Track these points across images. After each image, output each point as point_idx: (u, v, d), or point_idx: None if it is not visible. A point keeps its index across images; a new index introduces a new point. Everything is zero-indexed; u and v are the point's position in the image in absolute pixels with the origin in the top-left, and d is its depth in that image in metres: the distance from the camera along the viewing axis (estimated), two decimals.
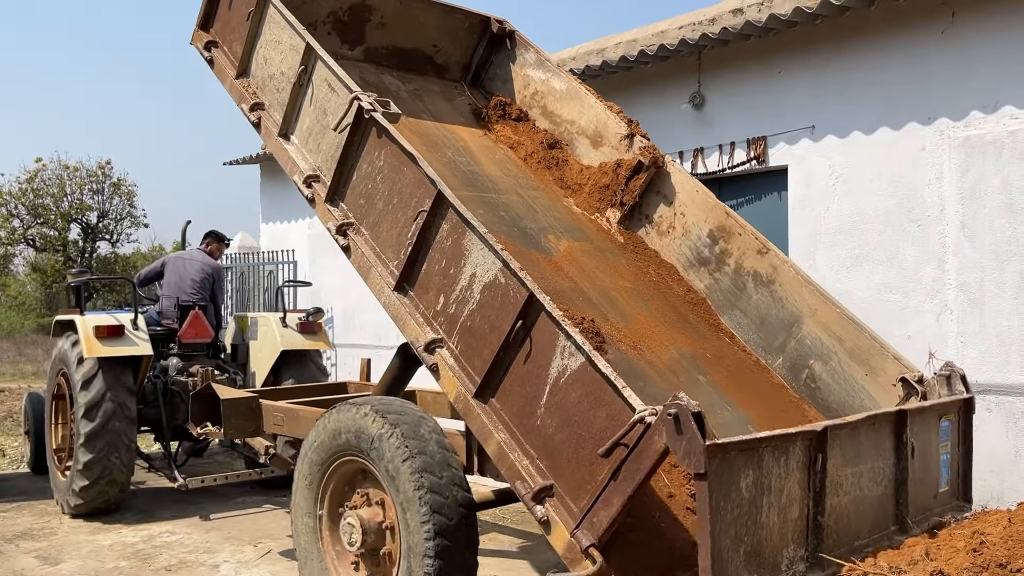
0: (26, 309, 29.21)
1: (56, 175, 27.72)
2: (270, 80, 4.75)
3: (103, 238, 28.85)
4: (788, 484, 3.10)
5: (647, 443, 2.91)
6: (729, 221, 5.22)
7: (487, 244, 3.54)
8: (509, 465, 3.39)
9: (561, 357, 3.25)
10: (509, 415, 3.45)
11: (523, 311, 3.37)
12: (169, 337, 7.59)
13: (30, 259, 29.19)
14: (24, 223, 27.85)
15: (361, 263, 4.13)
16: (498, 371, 3.49)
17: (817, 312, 4.81)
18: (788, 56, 6.63)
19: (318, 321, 7.77)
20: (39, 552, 6.03)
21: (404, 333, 3.93)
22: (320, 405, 5.49)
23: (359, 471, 4.17)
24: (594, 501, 3.07)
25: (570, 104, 5.96)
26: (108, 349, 6.67)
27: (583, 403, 3.17)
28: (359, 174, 4.17)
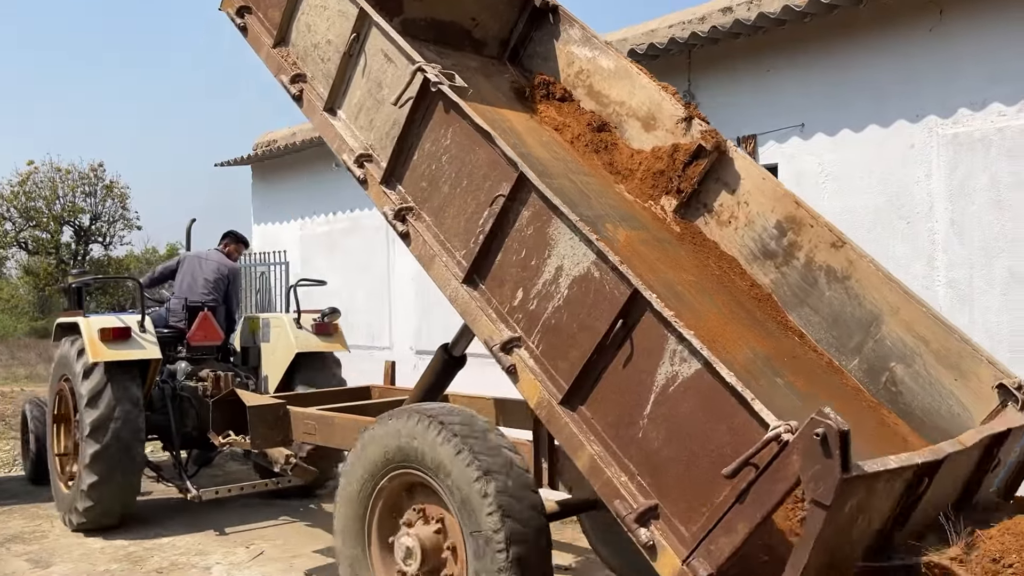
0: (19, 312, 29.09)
1: (48, 178, 27.59)
2: (314, 49, 4.34)
3: (96, 241, 28.67)
4: (886, 503, 2.82)
5: (782, 464, 2.56)
6: (800, 212, 4.87)
7: (579, 234, 3.17)
8: (605, 481, 3.03)
9: (671, 363, 2.89)
10: (603, 425, 3.09)
11: (624, 310, 3.00)
12: (177, 340, 7.18)
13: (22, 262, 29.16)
14: (16, 226, 27.67)
15: (423, 252, 3.74)
16: (590, 376, 3.13)
17: (900, 311, 4.48)
18: (777, 54, 6.62)
19: (334, 322, 7.34)
20: (30, 555, 5.95)
21: (475, 330, 3.55)
22: (350, 411, 5.12)
23: (413, 484, 3.81)
24: (713, 526, 2.72)
25: (619, 84, 5.58)
26: (114, 353, 6.24)
27: (698, 415, 2.81)
28: (421, 153, 3.78)
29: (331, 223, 11.96)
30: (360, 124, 4.07)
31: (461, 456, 3.40)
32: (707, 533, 2.73)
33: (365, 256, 11.13)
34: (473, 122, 3.53)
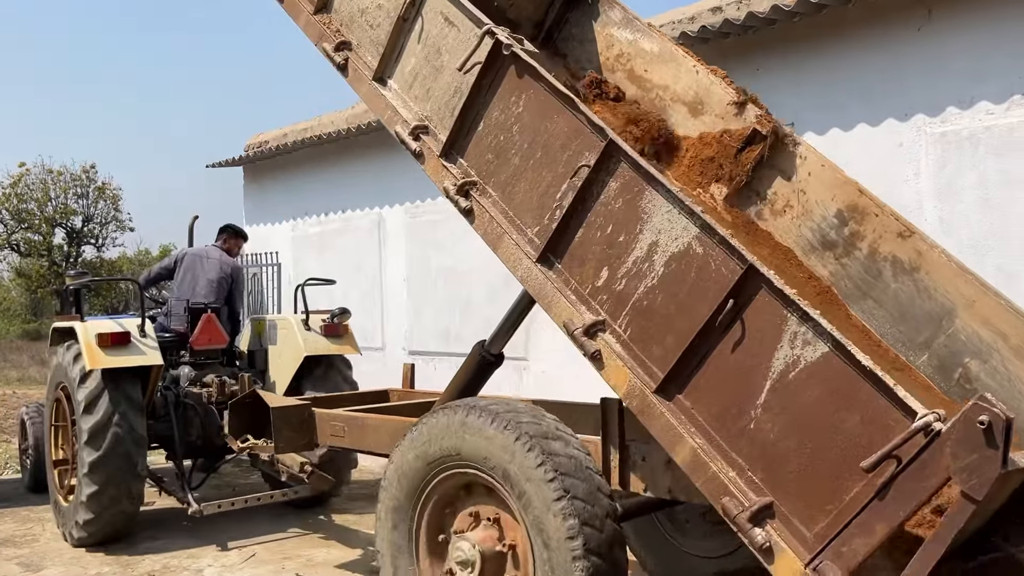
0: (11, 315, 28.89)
1: (40, 179, 27.45)
2: (360, 15, 4.04)
3: (88, 242, 28.53)
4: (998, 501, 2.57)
5: (932, 457, 2.30)
6: (863, 200, 4.63)
7: (680, 204, 2.90)
8: (710, 477, 2.75)
9: (791, 346, 2.63)
10: (706, 416, 2.81)
11: (736, 288, 2.73)
12: (179, 344, 6.81)
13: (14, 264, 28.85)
14: (8, 228, 27.60)
15: (489, 229, 3.45)
16: (690, 362, 2.85)
17: (975, 304, 4.25)
18: (767, 54, 6.61)
19: (344, 323, 6.96)
20: (21, 559, 5.89)
21: (551, 314, 3.26)
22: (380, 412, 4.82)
23: (465, 486, 3.52)
24: (845, 526, 2.45)
25: (663, 68, 5.32)
26: (113, 359, 5.84)
27: (825, 404, 2.55)
28: (487, 123, 3.49)
29: (323, 224, 11.70)
30: (415, 94, 3.78)
31: (531, 455, 3.11)
32: (838, 533, 2.46)
33: (357, 257, 10.90)
34: (552, 86, 3.26)
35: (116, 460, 5.80)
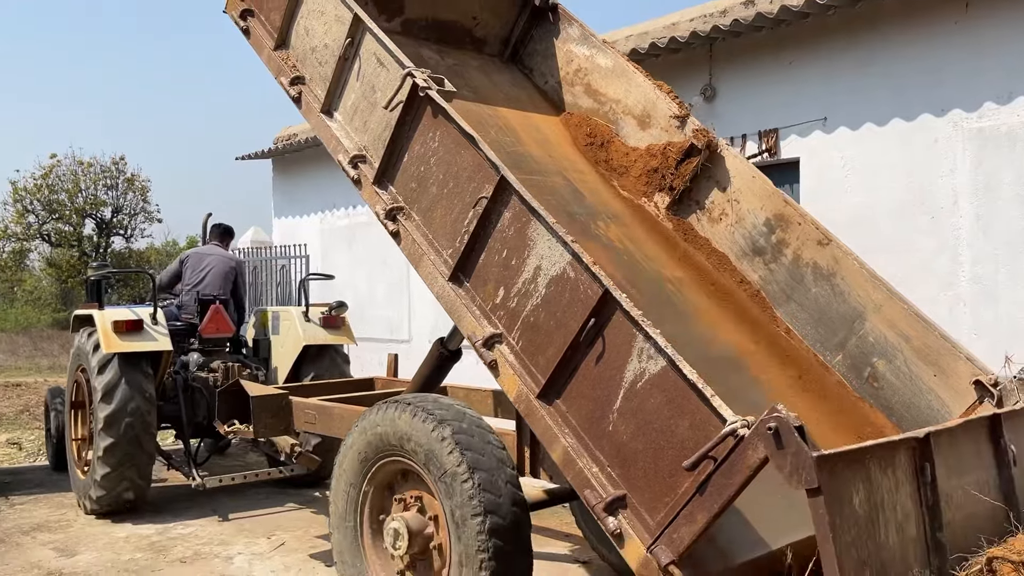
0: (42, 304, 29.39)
1: (71, 171, 27.76)
2: (312, 53, 4.49)
3: (117, 233, 28.90)
4: (900, 498, 2.88)
5: (739, 457, 2.70)
6: (788, 209, 4.98)
7: (555, 235, 3.31)
8: (577, 472, 3.18)
9: (639, 360, 3.03)
10: (577, 419, 3.24)
11: (596, 309, 3.14)
12: (190, 332, 7.38)
13: (45, 254, 29.32)
14: (39, 219, 27.93)
15: (412, 251, 3.89)
16: (565, 371, 3.27)
17: (883, 308, 4.59)
18: (800, 48, 6.60)
19: (341, 315, 7.54)
20: (55, 544, 6.02)
21: (460, 326, 3.70)
22: (351, 402, 5.28)
23: (402, 472, 3.98)
24: (675, 516, 2.86)
25: (616, 82, 5.69)
26: (126, 344, 6.44)
27: (663, 410, 2.95)
28: (411, 155, 3.93)
29: (351, 216, 12.11)
30: (355, 126, 4.22)
31: (445, 441, 3.55)
32: (670, 522, 2.87)
33: (384, 250, 11.24)
34: (459, 126, 3.67)
35: (128, 441, 6.40)
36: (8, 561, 5.56)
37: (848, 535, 2.59)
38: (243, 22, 4.94)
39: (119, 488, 6.50)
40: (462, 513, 3.50)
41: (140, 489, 6.66)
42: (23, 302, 30.33)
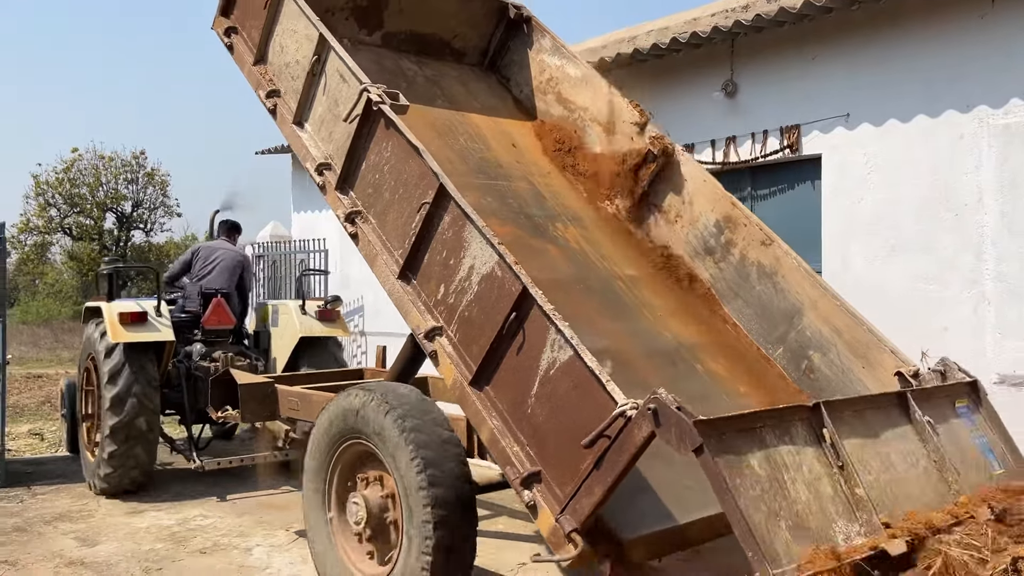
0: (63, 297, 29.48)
1: (92, 165, 27.79)
2: (286, 68, 4.88)
3: (137, 227, 29.02)
4: (805, 459, 3.17)
5: (627, 436, 3.04)
6: (735, 212, 5.28)
7: (485, 237, 3.66)
8: (500, 451, 3.53)
9: (551, 350, 3.38)
10: (503, 403, 3.59)
11: (516, 304, 3.49)
12: (194, 323, 7.80)
13: (67, 248, 29.30)
14: (61, 212, 27.87)
15: (368, 251, 4.27)
16: (493, 360, 3.63)
17: (818, 304, 4.88)
18: (823, 43, 6.52)
19: (336, 309, 7.97)
20: (77, 534, 6.11)
21: (407, 320, 4.07)
22: (332, 391, 5.68)
23: (364, 453, 4.34)
24: (577, 489, 3.21)
25: (584, 91, 6.02)
26: (132, 335, 6.88)
27: (571, 395, 3.29)
28: (368, 164, 4.30)
29: None
30: (322, 136, 4.61)
31: (395, 424, 3.92)
32: (573, 494, 3.22)
33: None
34: (406, 138, 4.03)
35: (133, 424, 6.84)
36: (30, 550, 5.67)
37: (753, 491, 2.90)
38: (227, 39, 5.35)
39: (126, 465, 6.92)
40: (411, 488, 3.86)
41: (145, 467, 7.08)
42: (45, 295, 30.44)
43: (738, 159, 6.93)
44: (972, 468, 3.95)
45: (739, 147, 7.02)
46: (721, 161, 6.92)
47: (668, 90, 7.36)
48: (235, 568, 5.35)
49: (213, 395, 6.06)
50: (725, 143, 7.10)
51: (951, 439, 3.98)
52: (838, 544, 2.98)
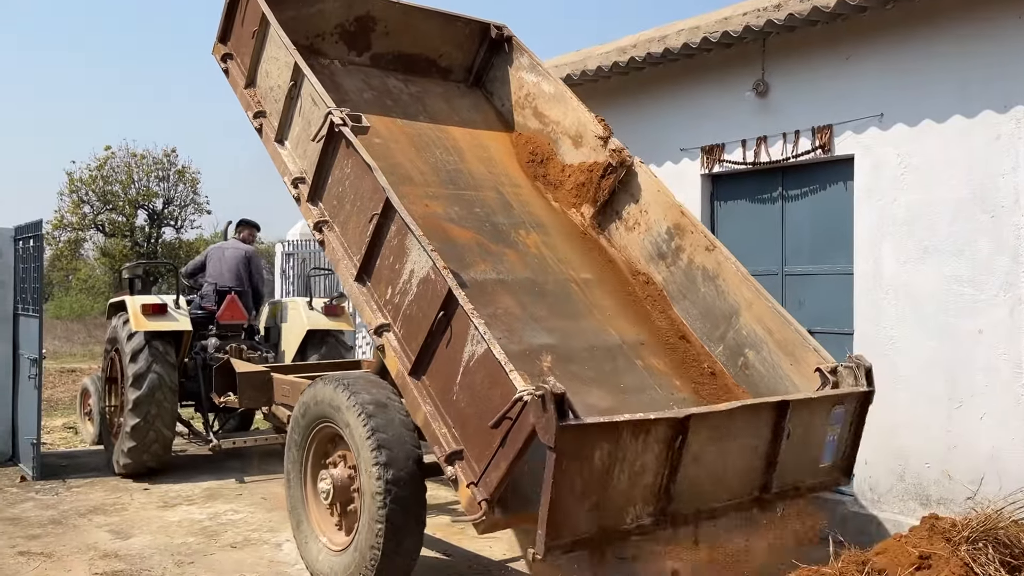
0: (95, 292, 29.91)
1: (124, 163, 28.18)
2: (270, 92, 5.44)
3: (168, 224, 29.27)
4: (645, 457, 3.67)
5: (525, 417, 3.51)
6: (684, 219, 5.70)
7: (421, 245, 4.15)
8: (431, 433, 4.03)
9: (471, 344, 3.86)
10: (435, 390, 4.09)
11: (444, 303, 3.99)
12: (209, 320, 8.44)
13: (99, 244, 29.32)
14: (94, 209, 28.19)
15: (333, 256, 4.80)
16: (427, 353, 4.13)
17: (752, 305, 5.29)
18: (857, 42, 6.37)
19: (341, 304, 8.59)
20: (111, 526, 6.29)
21: (362, 318, 4.59)
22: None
23: (334, 435, 4.87)
24: (488, 464, 3.69)
25: (557, 106, 6.49)
26: (153, 324, 7.56)
27: (485, 383, 3.78)
28: (333, 179, 4.83)
29: None
30: (298, 153, 5.15)
31: (354, 407, 4.44)
32: (484, 469, 3.71)
33: None
34: (362, 157, 4.55)
35: (153, 400, 7.48)
36: (65, 542, 5.86)
37: (579, 479, 3.43)
38: (224, 64, 5.93)
39: (147, 439, 7.54)
40: (367, 466, 4.38)
41: (165, 441, 7.71)
42: (78, 290, 30.84)
43: (769, 159, 6.81)
44: (804, 461, 4.54)
45: (770, 147, 6.88)
46: (751, 161, 6.86)
47: (698, 89, 7.34)
48: (265, 563, 5.49)
49: (216, 382, 6.67)
50: (756, 143, 6.95)
51: (806, 436, 4.49)
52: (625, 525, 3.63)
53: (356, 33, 6.38)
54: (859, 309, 6.16)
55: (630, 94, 7.71)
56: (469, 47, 6.92)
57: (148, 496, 7.23)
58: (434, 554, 5.65)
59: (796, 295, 6.68)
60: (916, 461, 5.83)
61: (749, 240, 6.92)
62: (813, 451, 4.58)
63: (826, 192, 6.66)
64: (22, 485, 7.57)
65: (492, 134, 6.71)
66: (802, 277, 6.67)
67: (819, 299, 6.54)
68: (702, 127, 7.18)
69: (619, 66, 7.32)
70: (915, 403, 5.81)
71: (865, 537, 5.79)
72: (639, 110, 7.65)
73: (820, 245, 6.56)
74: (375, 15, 6.38)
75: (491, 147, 6.53)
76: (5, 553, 5.60)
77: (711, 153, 7.12)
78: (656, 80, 7.48)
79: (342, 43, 6.36)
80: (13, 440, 8.47)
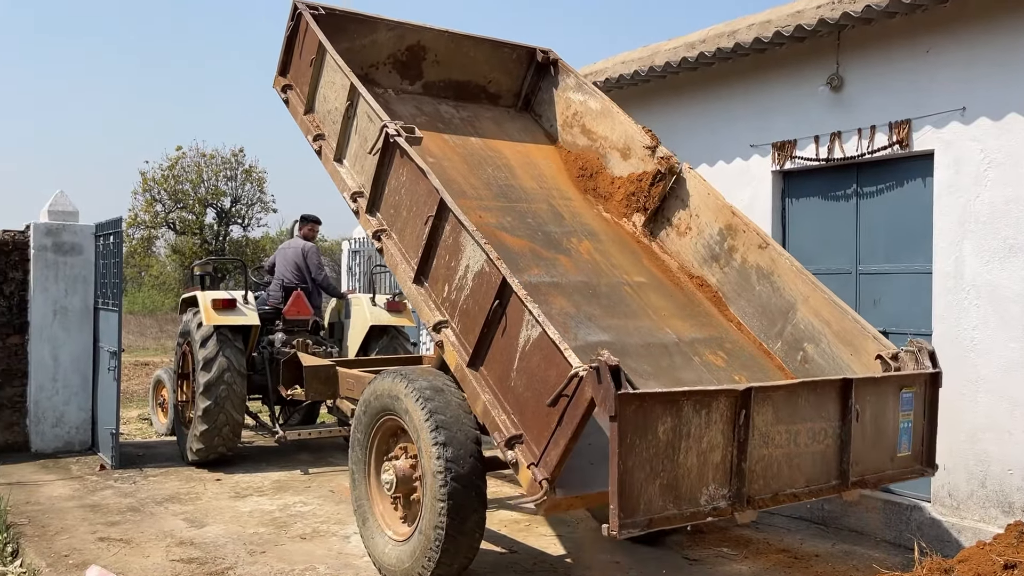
0: (166, 288, 30.75)
1: (194, 162, 29.11)
2: (328, 115, 5.70)
3: (235, 222, 29.87)
4: (710, 433, 3.68)
5: (581, 393, 3.58)
6: (735, 220, 5.75)
7: (475, 240, 4.29)
8: (491, 421, 4.11)
9: (526, 329, 3.96)
10: (493, 379, 4.18)
11: (499, 293, 4.10)
12: (276, 315, 8.73)
13: (170, 241, 30.25)
14: (166, 207, 29.19)
15: (391, 261, 4.97)
16: (484, 344, 4.23)
17: (809, 299, 5.29)
18: (937, 34, 6.14)
19: (403, 301, 8.85)
20: (186, 515, 6.53)
21: (421, 316, 4.73)
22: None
23: (397, 428, 4.98)
24: (547, 444, 3.75)
25: (604, 122, 6.64)
26: (223, 318, 7.88)
27: (541, 365, 3.86)
28: (389, 188, 5.03)
29: None
30: (356, 169, 5.37)
31: (418, 401, 4.55)
32: (544, 449, 3.77)
33: None
34: (416, 163, 4.74)
35: (222, 380, 7.73)
36: (143, 529, 6.08)
37: (645, 453, 3.44)
38: (284, 94, 6.25)
39: (217, 423, 7.78)
40: (427, 447, 4.47)
41: (235, 427, 7.93)
42: (150, 286, 31.80)
43: (843, 156, 6.59)
44: (881, 449, 4.45)
45: (844, 143, 6.65)
46: (825, 158, 6.68)
47: (769, 84, 7.18)
48: (334, 555, 5.60)
49: (284, 375, 6.95)
50: (829, 139, 6.73)
51: (877, 421, 4.44)
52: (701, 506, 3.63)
53: (408, 63, 6.66)
54: (938, 309, 5.97)
55: (698, 90, 7.65)
56: (517, 72, 7.14)
57: (220, 486, 7.45)
58: (499, 549, 5.70)
59: (870, 295, 6.52)
60: (998, 467, 5.61)
61: (822, 238, 6.82)
62: (888, 438, 4.51)
63: (903, 189, 6.44)
64: (102, 473, 7.85)
65: (542, 151, 6.89)
66: (877, 276, 6.50)
67: (895, 299, 6.37)
68: (773, 123, 7.06)
69: (688, 62, 7.25)
70: (997, 407, 5.62)
71: (945, 545, 5.71)
72: (707, 106, 7.59)
73: (897, 243, 6.39)
74: (425, 44, 6.65)
75: (541, 164, 6.70)
76: (87, 539, 5.83)
77: (783, 149, 6.99)
78: (725, 75, 7.39)
79: (395, 72, 6.64)
80: (93, 430, 8.85)
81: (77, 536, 5.90)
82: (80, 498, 6.97)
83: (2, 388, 8.71)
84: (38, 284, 8.74)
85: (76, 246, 8.87)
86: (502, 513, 6.46)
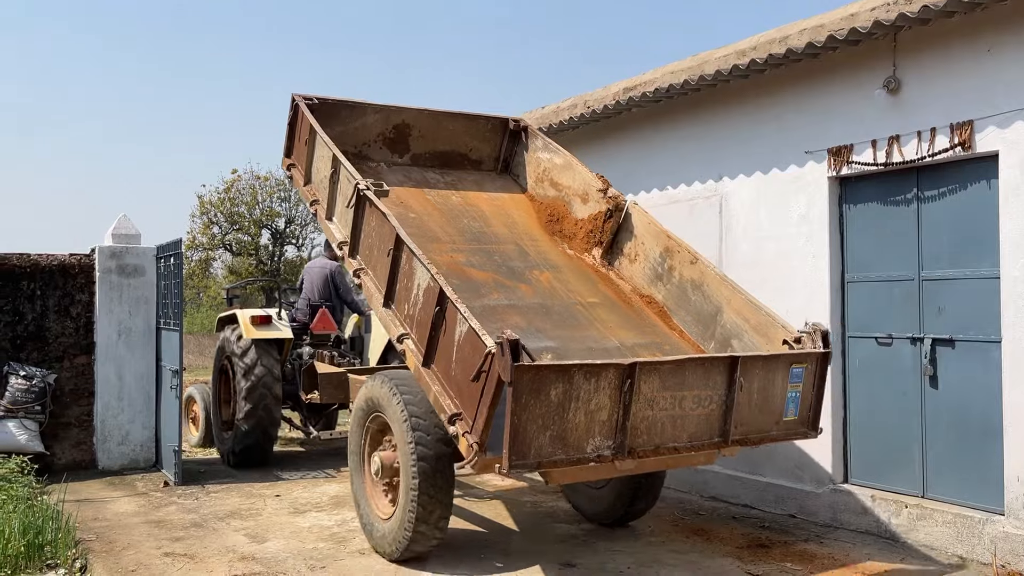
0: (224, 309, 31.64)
1: (249, 185, 29.91)
2: (320, 183, 6.85)
3: (290, 242, 30.70)
4: (598, 396, 4.53)
5: (493, 367, 4.47)
6: (671, 242, 6.63)
7: (420, 261, 5.29)
8: (440, 406, 5.02)
9: (459, 326, 4.89)
10: (440, 372, 5.10)
11: (439, 299, 5.06)
12: (304, 330, 9.70)
13: (227, 263, 30.91)
14: (222, 229, 29.97)
15: (368, 293, 5.99)
16: (433, 345, 5.17)
17: (731, 301, 6.10)
18: (999, 32, 5.93)
19: None
20: (247, 531, 6.68)
21: (388, 333, 5.71)
22: None
23: (385, 423, 5.88)
24: (475, 415, 4.64)
25: (567, 173, 7.64)
26: (260, 332, 8.92)
27: (471, 353, 4.76)
28: (363, 234, 6.09)
29: None
30: (341, 223, 6.46)
31: (395, 398, 5.49)
32: (473, 420, 4.65)
33: None
34: (380, 210, 5.79)
35: (262, 383, 8.71)
36: (206, 544, 6.28)
37: (536, 411, 4.33)
38: (288, 172, 7.46)
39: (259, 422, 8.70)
40: (404, 447, 5.38)
41: (275, 424, 8.89)
42: (208, 307, 32.72)
43: (902, 159, 6.43)
44: (767, 413, 5.29)
45: (903, 146, 6.46)
46: (883, 162, 6.53)
47: (822, 89, 7.08)
48: (392, 571, 5.66)
49: (304, 382, 7.98)
50: (887, 143, 6.54)
51: (765, 391, 5.25)
52: (587, 454, 4.46)
53: (395, 139, 7.80)
54: (1007, 316, 5.78)
55: (749, 97, 7.60)
56: (493, 140, 8.22)
57: (280, 503, 7.67)
58: (560, 563, 5.89)
59: (934, 302, 6.34)
60: None
61: (881, 244, 6.71)
62: (775, 405, 5.28)
63: (967, 192, 6.24)
64: (165, 490, 8.19)
65: (516, 201, 7.90)
66: (941, 283, 6.30)
67: (960, 306, 6.17)
68: (828, 128, 6.94)
69: (739, 69, 7.15)
70: None
71: (1019, 558, 5.58)
72: (759, 113, 7.53)
73: (961, 249, 6.19)
74: (409, 122, 7.79)
75: (514, 213, 7.71)
76: (152, 554, 6.08)
77: (839, 155, 6.83)
78: (777, 82, 7.33)
79: (385, 148, 7.79)
80: (156, 447, 9.21)
81: (143, 551, 6.12)
82: (145, 514, 7.25)
83: (70, 407, 9.02)
84: (103, 306, 9.08)
85: (139, 268, 9.20)
86: (565, 527, 6.83)
